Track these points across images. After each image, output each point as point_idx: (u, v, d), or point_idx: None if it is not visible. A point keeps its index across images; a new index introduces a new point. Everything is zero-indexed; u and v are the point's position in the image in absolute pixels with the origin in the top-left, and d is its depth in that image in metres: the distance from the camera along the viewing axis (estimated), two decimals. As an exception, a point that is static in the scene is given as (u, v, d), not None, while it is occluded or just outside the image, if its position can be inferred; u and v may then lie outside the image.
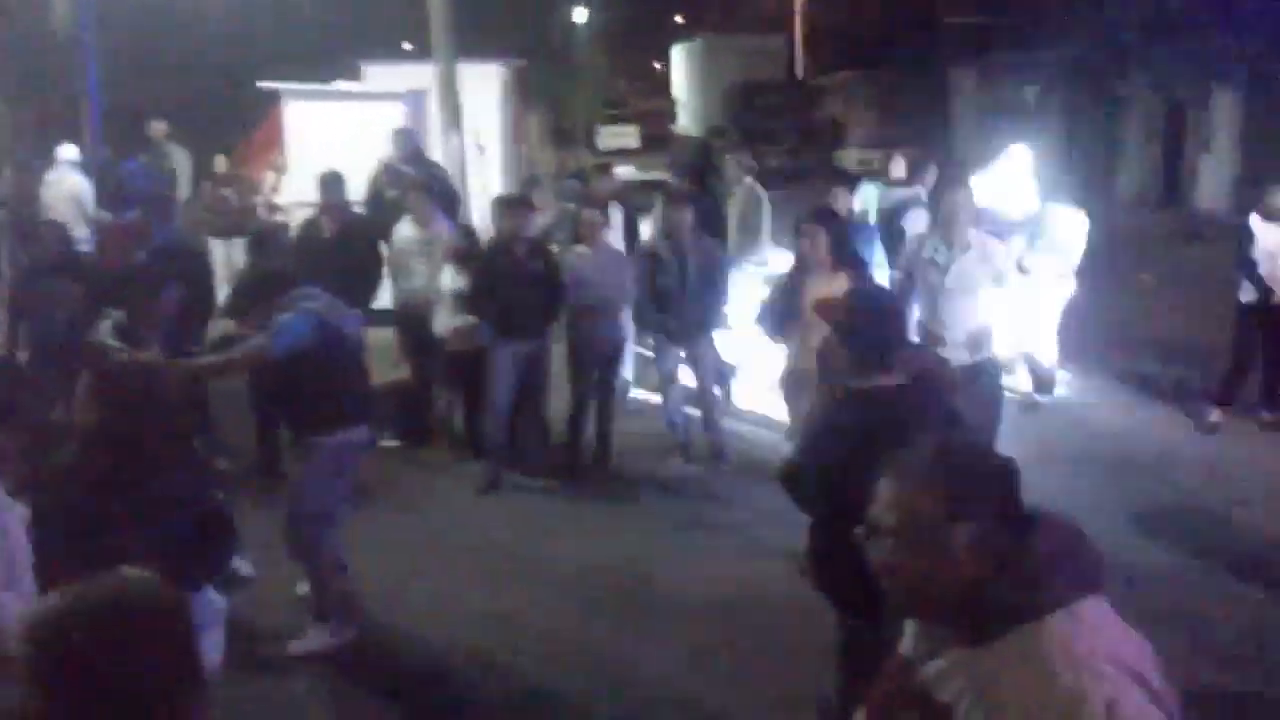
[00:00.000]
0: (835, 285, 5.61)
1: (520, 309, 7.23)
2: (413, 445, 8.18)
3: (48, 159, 12.41)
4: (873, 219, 9.57)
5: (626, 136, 38.39)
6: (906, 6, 33.12)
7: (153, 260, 7.28)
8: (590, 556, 6.36)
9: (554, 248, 8.55)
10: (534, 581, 6.05)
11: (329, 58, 17.99)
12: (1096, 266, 9.10)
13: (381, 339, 8.72)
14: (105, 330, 5.59)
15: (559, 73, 34.10)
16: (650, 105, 43.82)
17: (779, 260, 8.78)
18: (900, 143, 18.46)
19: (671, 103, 45.37)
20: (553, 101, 30.17)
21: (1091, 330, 9.63)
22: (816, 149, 28.52)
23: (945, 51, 30.66)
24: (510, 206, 7.73)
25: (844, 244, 6.62)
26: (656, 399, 8.20)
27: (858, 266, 6.65)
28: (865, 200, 10.00)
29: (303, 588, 5.52)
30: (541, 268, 7.41)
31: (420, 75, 12.87)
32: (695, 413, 7.77)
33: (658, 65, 59.90)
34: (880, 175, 10.74)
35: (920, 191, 9.68)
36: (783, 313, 6.33)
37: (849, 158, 25.86)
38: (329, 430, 5.19)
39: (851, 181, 10.32)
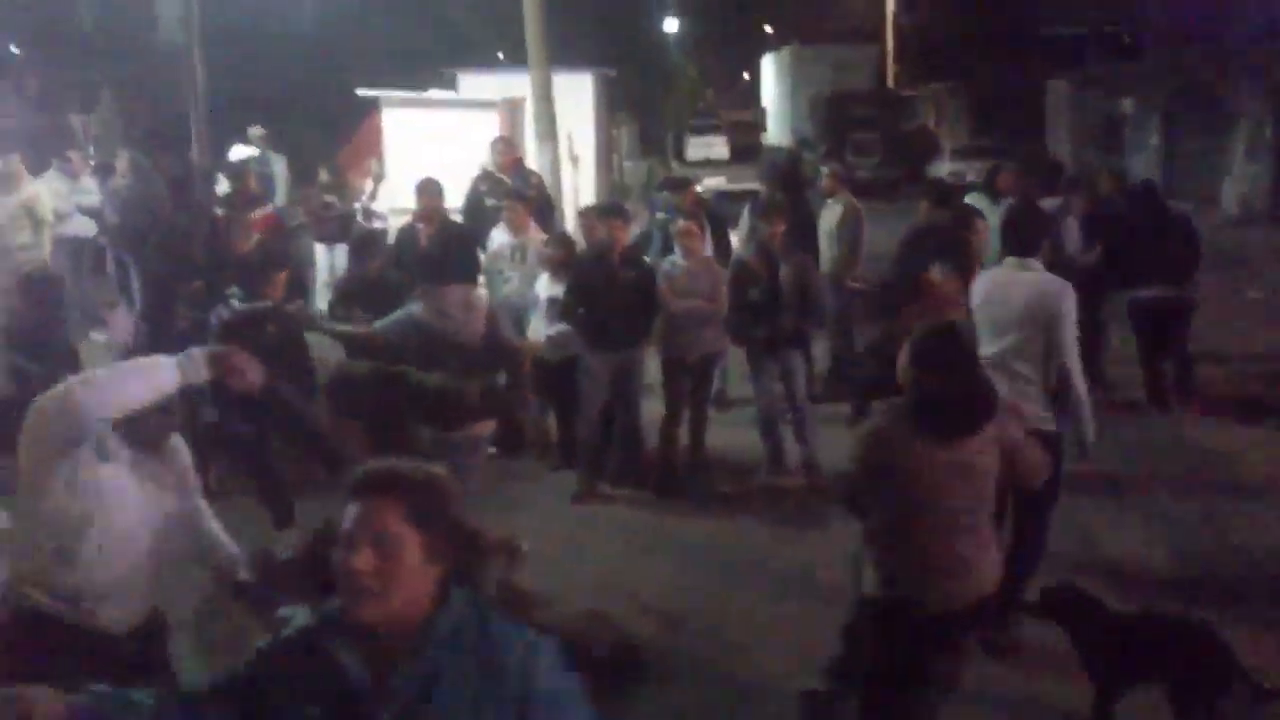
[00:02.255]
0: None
1: (613, 318, 7.23)
2: (506, 453, 8.21)
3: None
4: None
5: (715, 147, 38.39)
6: (1002, 16, 32.65)
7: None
8: (682, 568, 6.33)
9: (645, 258, 8.56)
10: (627, 593, 6.03)
11: (424, 66, 18.30)
12: (1202, 283, 8.83)
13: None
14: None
15: (649, 82, 34.22)
16: (739, 116, 43.78)
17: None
18: (994, 154, 18.20)
19: (760, 113, 45.27)
20: (643, 111, 30.27)
21: (1196, 348, 9.34)
22: (907, 161, 28.19)
23: (1041, 62, 30.14)
24: (606, 215, 7.74)
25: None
26: (750, 410, 8.14)
27: None
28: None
29: None
30: (635, 277, 7.40)
31: (514, 84, 13.00)
32: (788, 424, 7.70)
33: (746, 75, 59.79)
34: (978, 188, 10.53)
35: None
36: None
37: (941, 170, 25.54)
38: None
39: (948, 195, 10.13)
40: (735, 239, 9.83)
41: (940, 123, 33.68)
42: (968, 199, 10.09)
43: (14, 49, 23.81)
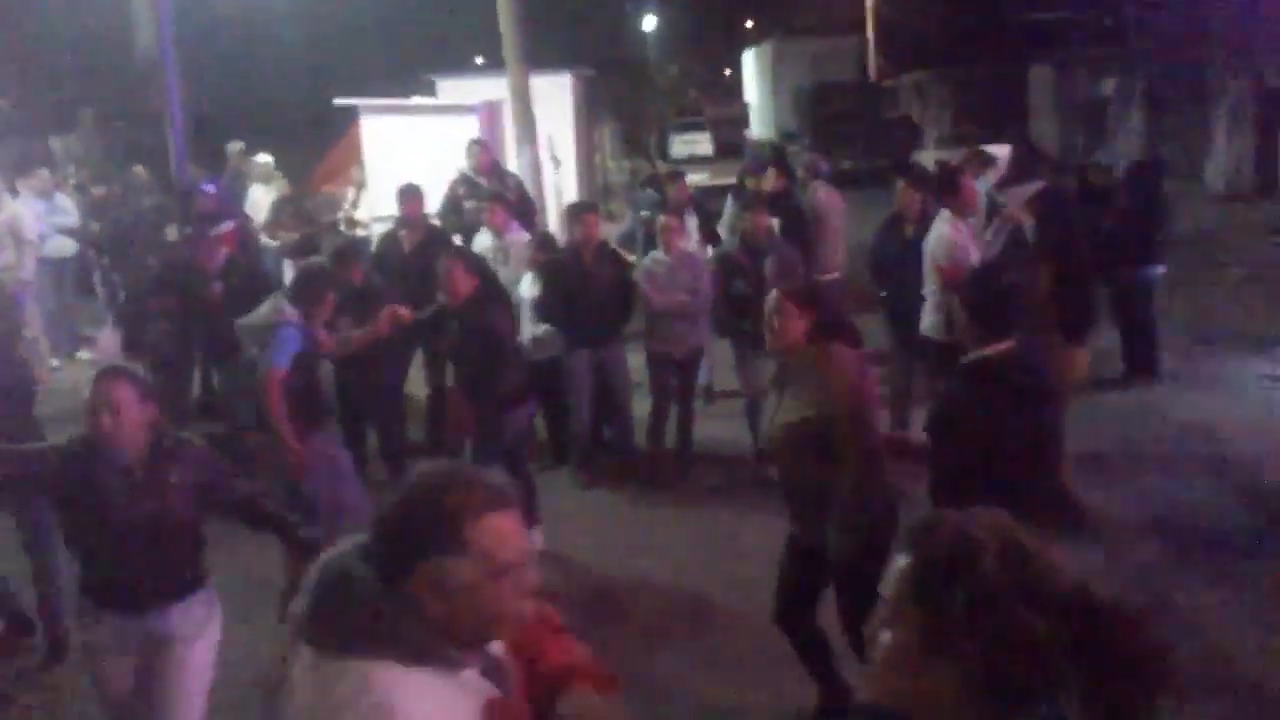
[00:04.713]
0: None
1: (591, 315, 7.25)
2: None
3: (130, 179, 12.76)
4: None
5: (700, 144, 38.33)
6: (978, 4, 32.66)
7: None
8: (672, 561, 6.33)
9: (631, 257, 8.57)
10: (620, 585, 6.04)
11: (403, 73, 18.29)
12: (1186, 260, 8.86)
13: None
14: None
15: (630, 82, 34.21)
16: (722, 112, 43.70)
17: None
18: (977, 142, 18.17)
19: (744, 109, 45.21)
20: (624, 111, 30.25)
21: (1180, 324, 9.37)
22: (891, 150, 28.19)
23: (1023, 47, 30.14)
24: (579, 213, 7.75)
25: None
26: (738, 402, 8.14)
27: None
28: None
29: None
30: (610, 273, 7.42)
31: (493, 88, 12.99)
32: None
33: (728, 71, 59.79)
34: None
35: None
36: None
37: (926, 158, 25.53)
38: None
39: (925, 176, 10.11)
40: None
41: (924, 112, 33.67)
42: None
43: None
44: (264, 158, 12.91)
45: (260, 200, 12.54)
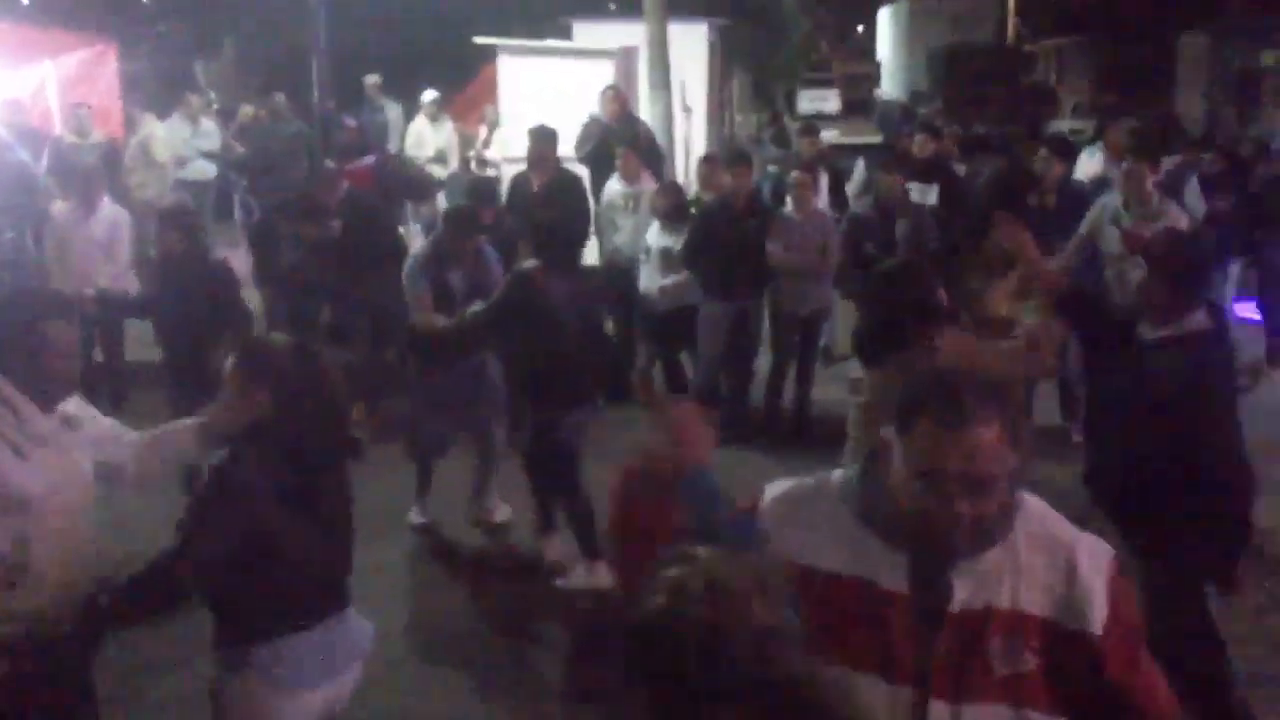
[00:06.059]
0: None
1: (735, 267, 7.22)
2: (613, 401, 8.27)
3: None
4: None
5: (827, 100, 37.78)
6: (1132, -33, 31.35)
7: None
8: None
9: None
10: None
11: (536, 14, 18.31)
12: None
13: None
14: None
15: (761, 34, 33.76)
16: (851, 69, 42.98)
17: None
18: (1117, 112, 17.58)
19: (874, 67, 44.38)
20: (754, 63, 29.88)
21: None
22: (1025, 117, 27.39)
23: (1172, 14, 28.90)
24: (732, 164, 7.72)
25: None
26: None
27: None
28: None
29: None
30: (758, 226, 7.37)
31: (629, 33, 12.92)
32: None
33: (861, 28, 58.61)
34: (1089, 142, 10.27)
35: None
36: None
37: (1061, 127, 24.74)
38: None
39: (1067, 150, 9.83)
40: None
41: (1061, 78, 32.61)
42: (1084, 154, 9.87)
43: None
44: (430, 94, 13.08)
45: (425, 135, 12.77)
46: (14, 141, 9.98)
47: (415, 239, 11.02)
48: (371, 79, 14.32)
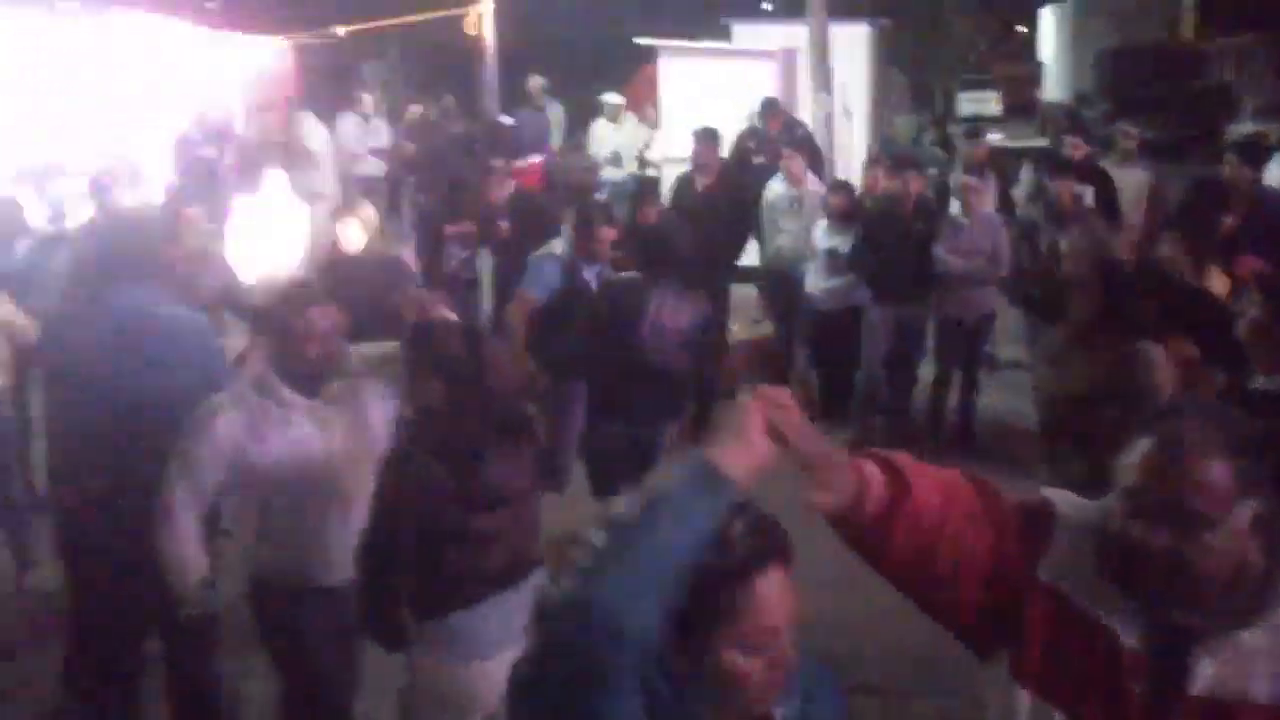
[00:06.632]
0: None
1: (901, 271, 7.13)
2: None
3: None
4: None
5: (987, 102, 36.89)
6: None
7: None
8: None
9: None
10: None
11: (694, 16, 18.38)
12: None
13: (743, 295, 8.87)
14: None
15: (920, 34, 33.19)
16: (1012, 70, 41.86)
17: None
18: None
19: (1035, 67, 43.10)
20: (913, 64, 29.39)
21: None
22: (1201, 120, 26.18)
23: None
24: (900, 167, 7.64)
25: None
26: (1021, 375, 7.87)
27: None
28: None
29: None
30: (926, 231, 7.27)
31: (788, 35, 12.86)
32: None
33: (1021, 29, 57.03)
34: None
35: None
36: None
37: (1242, 130, 23.58)
38: None
39: (1256, 155, 9.35)
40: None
41: (1241, 78, 31.06)
42: (1274, 162, 9.36)
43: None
44: (613, 97, 13.28)
45: (604, 136, 12.94)
46: (200, 138, 10.49)
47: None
48: (535, 80, 14.59)
